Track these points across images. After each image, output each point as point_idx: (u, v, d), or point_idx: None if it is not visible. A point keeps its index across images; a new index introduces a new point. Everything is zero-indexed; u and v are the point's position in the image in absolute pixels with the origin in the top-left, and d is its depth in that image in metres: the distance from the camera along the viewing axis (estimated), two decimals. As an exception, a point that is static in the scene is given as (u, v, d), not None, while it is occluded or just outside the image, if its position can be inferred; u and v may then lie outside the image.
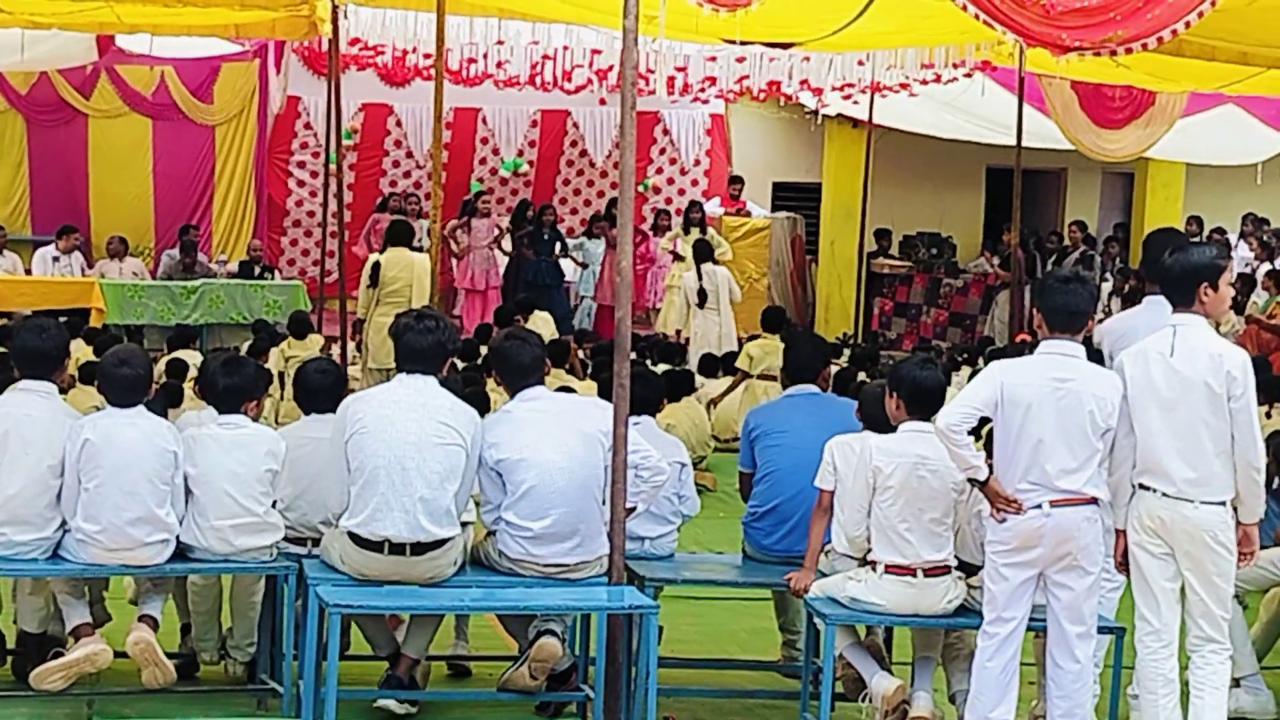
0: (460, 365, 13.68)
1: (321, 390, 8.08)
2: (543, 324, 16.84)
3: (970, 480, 7.00)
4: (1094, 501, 6.88)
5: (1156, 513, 6.87)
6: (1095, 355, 7.54)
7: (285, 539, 7.73)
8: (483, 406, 10.76)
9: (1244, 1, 8.92)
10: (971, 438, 6.93)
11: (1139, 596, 6.99)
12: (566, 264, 22.01)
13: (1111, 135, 19.34)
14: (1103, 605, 7.34)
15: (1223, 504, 6.86)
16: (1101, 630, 7.33)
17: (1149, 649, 6.94)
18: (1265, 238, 23.04)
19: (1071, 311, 6.96)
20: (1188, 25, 8.30)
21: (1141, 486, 6.93)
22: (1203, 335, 6.94)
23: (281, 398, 14.32)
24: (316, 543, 7.73)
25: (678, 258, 20.22)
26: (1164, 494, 6.85)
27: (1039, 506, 6.83)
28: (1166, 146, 20.32)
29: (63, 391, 8.27)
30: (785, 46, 15.43)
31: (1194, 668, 6.95)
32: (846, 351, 17.83)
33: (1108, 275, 22.28)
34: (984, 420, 7.06)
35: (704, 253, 19.49)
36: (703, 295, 19.26)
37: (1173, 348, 6.88)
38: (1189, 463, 6.82)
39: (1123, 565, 7.07)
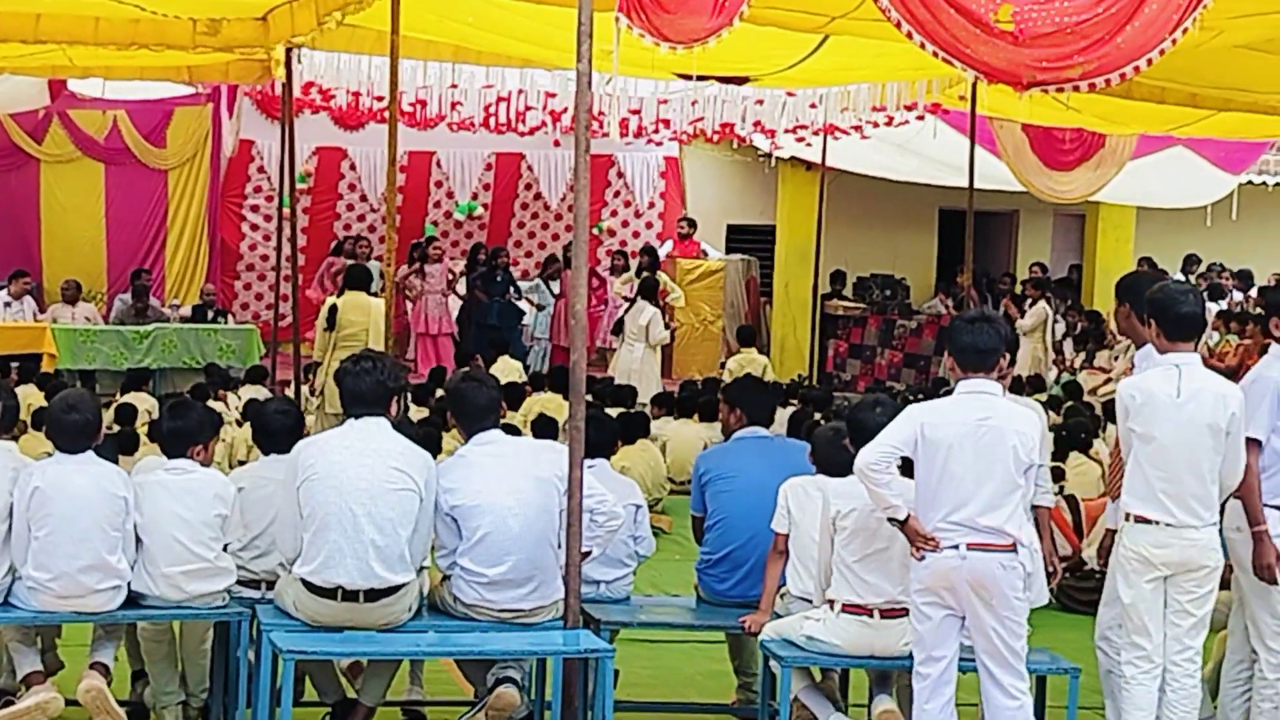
0: (414, 415, 13.69)
1: (281, 431, 8.07)
2: (512, 371, 16.78)
3: (890, 520, 7.00)
4: (1013, 548, 6.85)
5: (1162, 542, 7.16)
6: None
7: (239, 582, 7.69)
8: (434, 447, 10.78)
9: (1193, 43, 8.96)
10: (891, 476, 6.92)
11: (1132, 622, 7.22)
12: (523, 305, 22.01)
13: (1062, 177, 19.46)
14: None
15: (1215, 524, 7.23)
16: (1057, 671, 7.37)
17: (1141, 669, 7.21)
18: (1218, 279, 23.25)
19: (980, 350, 7.00)
20: (1149, 63, 8.32)
21: (1139, 520, 7.20)
22: (1204, 374, 7.31)
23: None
24: (270, 585, 7.69)
25: (631, 301, 20.28)
26: (1167, 524, 7.15)
27: (956, 547, 6.82)
28: (1117, 189, 20.46)
29: (15, 438, 8.21)
30: (740, 82, 15.50)
31: (1173, 679, 7.23)
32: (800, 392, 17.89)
33: (1058, 318, 22.37)
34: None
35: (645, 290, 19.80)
36: (619, 326, 19.58)
37: (1179, 389, 7.19)
38: (1190, 491, 7.16)
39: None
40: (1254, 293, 22.21)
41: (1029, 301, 21.82)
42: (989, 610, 6.84)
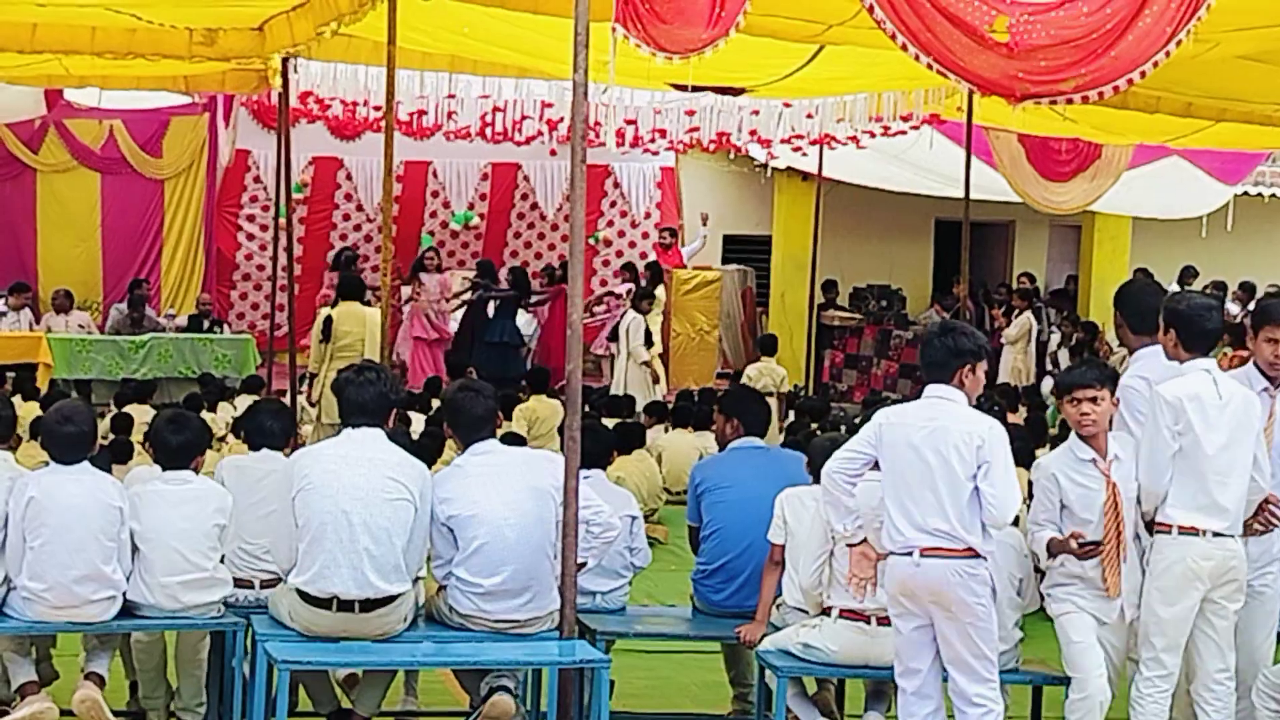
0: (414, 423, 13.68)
1: (273, 429, 8.19)
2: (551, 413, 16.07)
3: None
4: (970, 553, 6.74)
5: (1208, 554, 7.10)
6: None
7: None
8: (437, 451, 10.80)
9: (1189, 55, 8.98)
10: (850, 489, 6.92)
11: (1166, 638, 7.12)
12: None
13: (1058, 188, 19.47)
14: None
15: (1241, 534, 7.23)
16: (1051, 682, 7.37)
17: (1159, 689, 7.13)
18: (1216, 292, 23.25)
19: (931, 362, 7.00)
20: (1143, 75, 8.33)
21: (1184, 531, 7.12)
22: (1229, 378, 7.33)
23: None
24: (264, 585, 7.71)
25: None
26: (1215, 534, 7.11)
27: (910, 553, 6.76)
28: (1113, 199, 20.47)
29: (11, 448, 8.22)
30: (736, 93, 15.51)
31: (1214, 698, 7.17)
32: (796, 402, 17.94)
33: (1054, 328, 22.40)
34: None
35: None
36: (614, 333, 19.85)
37: (1219, 393, 7.18)
38: (1234, 496, 7.15)
39: None
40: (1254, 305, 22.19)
41: (1015, 312, 21.84)
42: (950, 618, 6.77)
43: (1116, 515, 7.13)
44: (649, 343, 19.63)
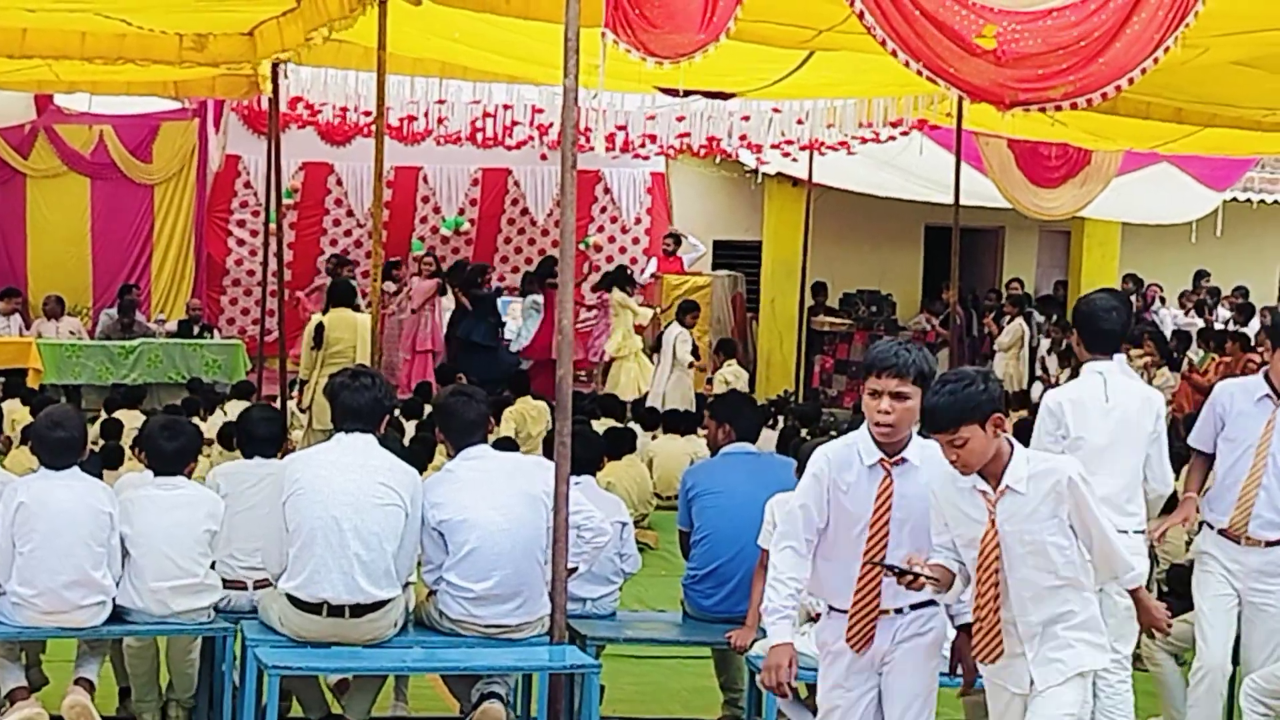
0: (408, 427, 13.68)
1: (265, 436, 8.20)
2: (538, 414, 16.26)
3: None
4: None
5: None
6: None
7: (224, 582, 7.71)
8: (428, 456, 10.79)
9: (1178, 60, 9.00)
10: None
11: None
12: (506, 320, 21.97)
13: (1048, 194, 19.47)
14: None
15: (1138, 532, 7.37)
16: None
17: None
18: (1201, 296, 23.28)
19: None
20: (1130, 82, 8.36)
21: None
22: (1126, 380, 7.50)
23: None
24: (257, 586, 7.71)
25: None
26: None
27: None
28: (1102, 205, 20.48)
29: (2, 453, 8.24)
30: (726, 97, 15.52)
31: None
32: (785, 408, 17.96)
33: (1043, 334, 22.42)
34: None
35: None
36: (658, 344, 20.00)
37: (1106, 395, 7.31)
38: (1117, 495, 7.23)
39: None
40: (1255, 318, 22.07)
41: (1007, 319, 21.86)
42: None
43: (991, 565, 5.64)
44: (695, 356, 19.73)
